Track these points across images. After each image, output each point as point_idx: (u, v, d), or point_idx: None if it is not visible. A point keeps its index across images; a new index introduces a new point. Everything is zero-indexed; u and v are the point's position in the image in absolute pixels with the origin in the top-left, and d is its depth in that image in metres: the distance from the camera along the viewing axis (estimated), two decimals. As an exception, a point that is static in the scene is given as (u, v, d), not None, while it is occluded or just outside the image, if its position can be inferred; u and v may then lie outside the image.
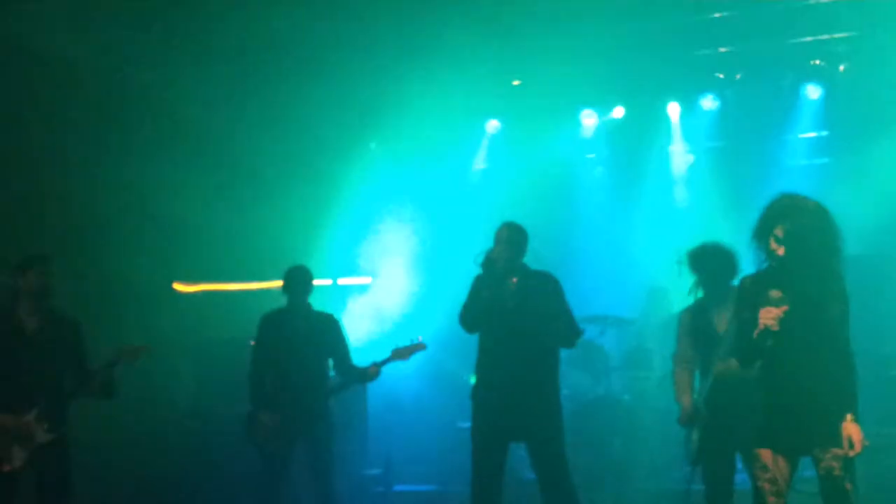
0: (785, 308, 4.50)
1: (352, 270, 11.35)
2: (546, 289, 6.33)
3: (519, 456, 9.53)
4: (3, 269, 6.31)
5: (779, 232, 4.59)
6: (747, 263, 5.08)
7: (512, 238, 6.36)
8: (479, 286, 6.33)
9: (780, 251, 4.60)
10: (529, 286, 6.31)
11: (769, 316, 4.50)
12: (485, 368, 6.40)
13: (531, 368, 6.21)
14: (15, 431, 5.90)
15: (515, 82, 10.83)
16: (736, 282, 5.30)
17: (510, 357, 6.19)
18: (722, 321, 5.85)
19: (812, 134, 10.33)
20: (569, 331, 6.33)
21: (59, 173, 8.92)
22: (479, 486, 6.40)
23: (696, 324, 6.15)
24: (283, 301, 7.31)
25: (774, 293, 4.53)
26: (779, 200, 4.70)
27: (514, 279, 6.32)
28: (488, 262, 6.23)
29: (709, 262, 6.13)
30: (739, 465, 6.03)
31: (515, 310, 6.22)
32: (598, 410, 9.14)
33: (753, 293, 4.68)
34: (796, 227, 4.56)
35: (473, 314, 6.33)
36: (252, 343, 7.43)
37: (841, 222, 4.72)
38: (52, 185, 8.92)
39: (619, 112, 10.79)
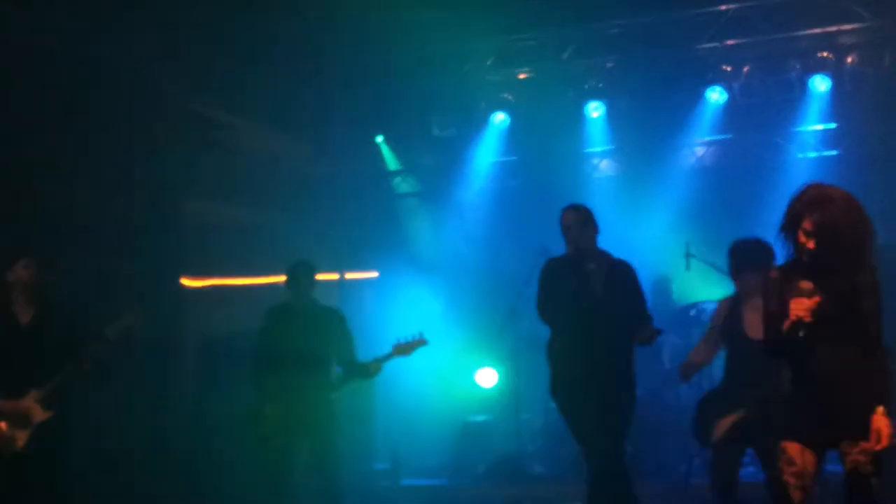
0: (817, 299, 4.42)
1: (359, 265, 11.34)
2: (628, 277, 6.12)
3: (529, 452, 9.57)
4: None
5: (807, 225, 4.48)
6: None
7: (582, 219, 6.13)
8: (555, 274, 6.09)
9: (810, 244, 4.49)
10: (616, 272, 6.07)
11: (801, 307, 4.41)
12: (571, 361, 6.09)
13: (621, 359, 6.03)
14: (14, 415, 6.17)
15: (522, 75, 10.81)
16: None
17: (600, 347, 5.94)
18: (750, 313, 5.82)
19: (819, 126, 10.28)
20: (652, 333, 6.07)
21: (63, 169, 8.90)
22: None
23: (728, 316, 6.15)
24: (287, 296, 7.30)
25: (805, 284, 4.44)
26: (805, 192, 4.58)
27: (598, 264, 6.07)
28: (573, 250, 6.01)
29: (740, 253, 6.13)
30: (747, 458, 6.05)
31: (605, 297, 5.98)
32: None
33: (780, 285, 4.60)
34: (825, 220, 4.45)
35: (559, 304, 6.05)
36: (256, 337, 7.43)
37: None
38: (55, 181, 8.91)
39: (625, 104, 10.74)
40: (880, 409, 4.41)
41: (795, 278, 4.52)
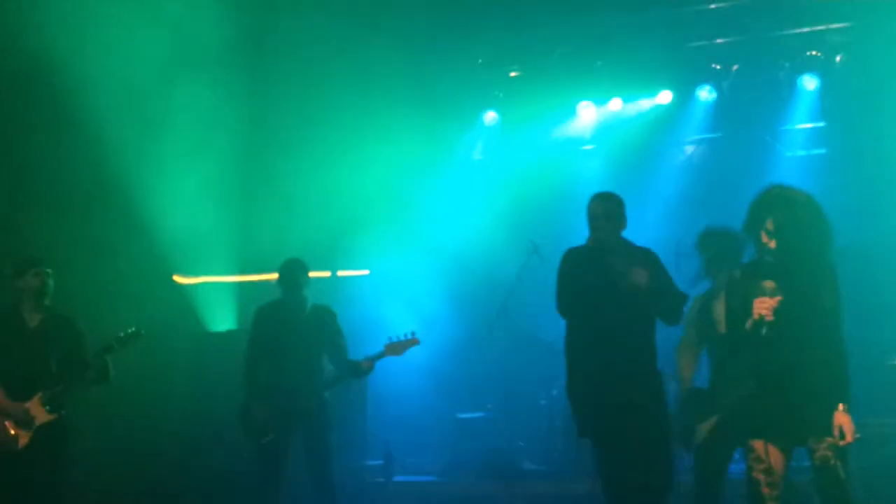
0: (779, 298, 4.51)
1: (350, 263, 11.36)
2: (649, 261, 5.76)
3: (520, 448, 9.61)
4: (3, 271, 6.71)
5: (769, 225, 4.58)
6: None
7: (610, 211, 5.78)
8: (575, 267, 5.75)
9: (772, 244, 4.60)
10: (637, 262, 5.70)
11: (763, 306, 4.50)
12: (589, 359, 5.71)
13: (644, 357, 5.71)
14: (18, 416, 6.33)
15: (513, 73, 10.85)
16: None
17: (621, 346, 5.62)
18: (720, 309, 5.73)
19: (809, 125, 10.34)
20: (679, 303, 5.76)
21: (61, 168, 8.95)
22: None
23: (701, 312, 6.17)
24: (278, 293, 7.33)
25: (768, 284, 4.53)
26: (768, 192, 4.69)
27: (619, 256, 5.70)
28: (595, 243, 5.71)
29: (711, 245, 6.16)
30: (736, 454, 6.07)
31: (630, 291, 5.60)
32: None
33: (743, 284, 4.69)
34: (787, 220, 4.55)
35: (579, 299, 5.71)
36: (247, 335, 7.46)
37: (837, 212, 4.73)
38: (52, 180, 8.95)
39: (616, 103, 10.79)
40: (841, 405, 4.50)
41: (759, 277, 4.60)
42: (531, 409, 9.75)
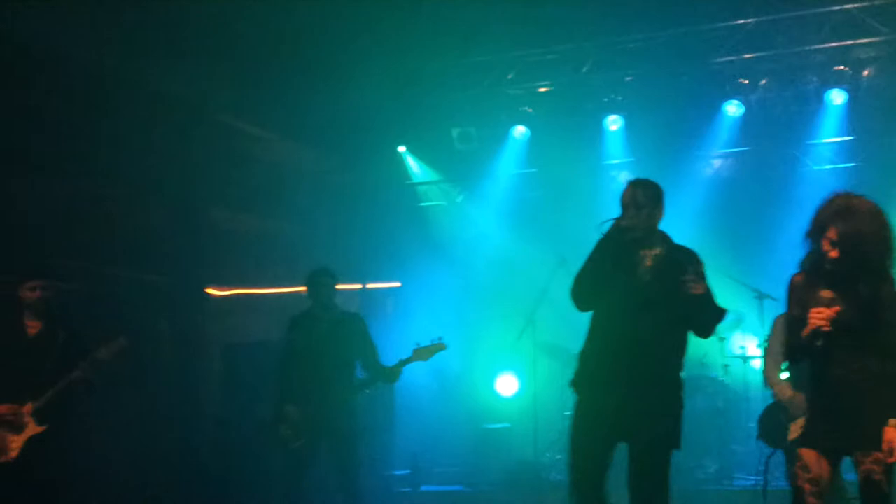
0: (837, 308, 4.44)
1: (380, 275, 11.47)
2: (685, 265, 5.08)
3: (547, 459, 9.64)
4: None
5: (832, 234, 4.47)
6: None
7: (641, 200, 5.18)
8: (601, 255, 5.19)
9: (833, 253, 4.49)
10: (671, 261, 5.13)
11: (820, 316, 4.42)
12: (595, 355, 5.26)
13: (657, 359, 5.10)
14: (12, 424, 6.34)
15: (542, 89, 10.94)
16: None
17: (634, 344, 5.06)
18: None
19: (836, 139, 10.36)
20: (712, 316, 5.17)
21: (93, 179, 9.07)
22: None
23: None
24: (309, 304, 7.44)
25: (825, 293, 4.45)
26: (832, 200, 4.56)
27: (653, 251, 5.19)
28: (618, 231, 5.13)
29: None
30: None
31: (649, 287, 5.10)
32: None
33: (802, 291, 4.61)
34: (850, 230, 4.43)
35: (591, 287, 5.22)
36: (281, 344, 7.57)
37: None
38: (86, 190, 9.08)
39: (643, 117, 10.84)
40: (893, 421, 4.42)
41: (818, 285, 4.53)
42: (557, 419, 9.79)
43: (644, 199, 5.17)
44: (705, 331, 5.27)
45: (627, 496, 5.13)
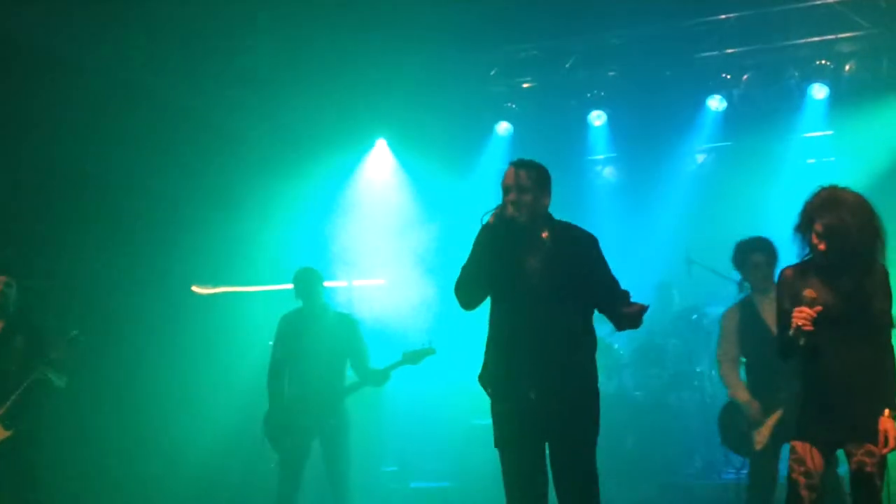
0: (819, 309, 4.46)
1: (366, 272, 11.46)
2: (580, 246, 4.85)
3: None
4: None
5: (819, 227, 4.53)
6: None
7: (524, 182, 4.82)
8: (484, 245, 4.76)
9: (822, 246, 4.55)
10: (558, 242, 4.81)
11: (801, 316, 4.46)
12: (498, 348, 4.91)
13: (559, 348, 4.74)
14: None
15: (525, 84, 10.95)
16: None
17: (534, 334, 4.73)
18: (769, 312, 5.83)
19: (818, 133, 10.42)
20: (615, 299, 4.80)
21: (78, 181, 9.06)
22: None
23: (742, 320, 6.30)
24: (299, 302, 7.44)
25: (809, 293, 4.49)
26: (818, 194, 4.62)
27: (542, 236, 4.83)
28: (502, 218, 4.74)
29: (751, 255, 6.32)
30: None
31: (541, 273, 4.76)
32: (610, 407, 9.22)
33: (793, 285, 4.66)
34: (835, 221, 4.49)
35: (475, 280, 4.79)
36: (270, 343, 7.57)
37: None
38: (72, 191, 9.07)
39: (627, 113, 10.88)
40: (887, 411, 4.46)
41: (807, 278, 4.60)
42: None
43: (527, 180, 4.83)
44: (632, 325, 4.85)
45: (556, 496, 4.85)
